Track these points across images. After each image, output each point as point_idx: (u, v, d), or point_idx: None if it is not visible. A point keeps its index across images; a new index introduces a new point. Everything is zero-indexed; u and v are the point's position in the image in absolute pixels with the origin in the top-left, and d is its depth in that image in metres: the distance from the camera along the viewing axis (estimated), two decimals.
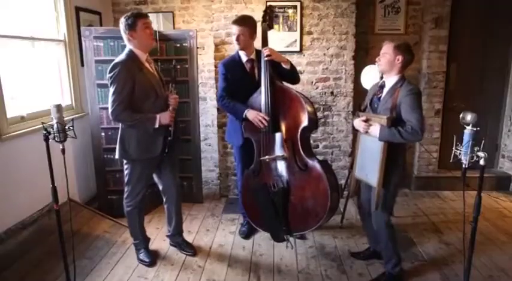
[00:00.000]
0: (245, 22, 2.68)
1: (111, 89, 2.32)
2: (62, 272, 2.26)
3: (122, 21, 2.33)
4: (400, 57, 2.20)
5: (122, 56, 2.36)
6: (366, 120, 2.28)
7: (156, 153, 2.49)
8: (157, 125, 2.42)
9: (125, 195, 2.61)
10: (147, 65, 2.44)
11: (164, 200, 2.79)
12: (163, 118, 2.44)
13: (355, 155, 2.48)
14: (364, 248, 2.80)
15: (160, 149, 2.50)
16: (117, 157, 2.51)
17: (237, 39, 2.68)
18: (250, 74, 2.81)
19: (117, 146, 2.49)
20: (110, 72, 2.30)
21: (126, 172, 2.56)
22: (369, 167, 2.31)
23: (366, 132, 2.29)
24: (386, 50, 2.23)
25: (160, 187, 2.75)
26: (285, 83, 2.81)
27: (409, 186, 4.12)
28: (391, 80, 2.27)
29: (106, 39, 3.23)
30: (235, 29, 2.67)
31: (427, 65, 3.88)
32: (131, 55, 2.37)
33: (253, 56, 2.80)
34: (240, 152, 2.96)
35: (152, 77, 2.44)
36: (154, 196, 3.27)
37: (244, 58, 2.80)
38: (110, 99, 2.32)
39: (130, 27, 2.31)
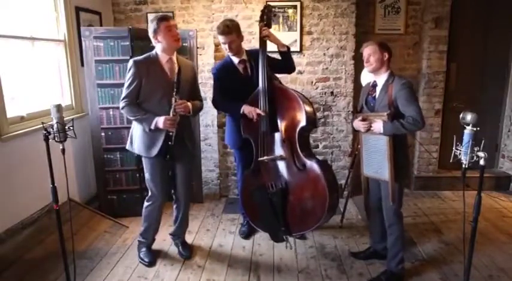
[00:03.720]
0: (231, 29, 2.63)
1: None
2: (62, 272, 2.26)
3: (149, 26, 2.41)
4: (386, 54, 2.32)
5: (141, 56, 2.48)
6: (365, 120, 2.34)
7: (153, 154, 2.48)
8: (152, 127, 2.41)
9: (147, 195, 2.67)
10: (165, 66, 2.45)
11: (174, 201, 2.80)
12: (159, 121, 2.40)
13: (361, 155, 2.51)
14: (365, 248, 2.80)
15: (158, 151, 2.47)
16: (126, 147, 2.61)
17: (229, 47, 2.68)
18: (245, 76, 2.80)
19: (128, 137, 2.58)
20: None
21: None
22: (379, 164, 2.36)
23: (368, 130, 2.34)
24: (373, 50, 2.32)
25: (173, 190, 2.76)
26: (283, 82, 2.81)
27: (409, 186, 4.12)
28: (382, 78, 2.36)
29: (106, 39, 3.23)
30: (223, 39, 2.65)
31: (427, 65, 3.88)
32: (149, 56, 2.46)
33: (244, 56, 2.80)
34: (239, 154, 2.97)
35: (163, 77, 2.44)
36: None
37: (236, 60, 2.79)
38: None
39: (155, 31, 2.37)
